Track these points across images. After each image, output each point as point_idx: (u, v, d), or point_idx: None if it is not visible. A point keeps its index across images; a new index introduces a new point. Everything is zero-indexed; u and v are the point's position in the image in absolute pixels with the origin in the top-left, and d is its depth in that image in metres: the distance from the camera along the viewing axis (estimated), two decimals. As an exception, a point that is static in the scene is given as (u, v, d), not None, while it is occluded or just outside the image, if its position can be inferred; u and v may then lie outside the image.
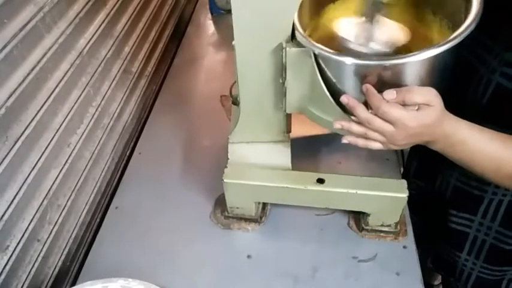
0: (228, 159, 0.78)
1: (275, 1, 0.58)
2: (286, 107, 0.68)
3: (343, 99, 0.59)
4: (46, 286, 0.75)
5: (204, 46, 1.35)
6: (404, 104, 0.55)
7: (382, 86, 0.57)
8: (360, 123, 0.59)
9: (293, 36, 0.61)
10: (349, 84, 0.61)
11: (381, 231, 0.78)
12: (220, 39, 1.37)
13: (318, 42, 0.59)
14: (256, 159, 0.77)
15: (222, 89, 1.11)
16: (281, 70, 0.64)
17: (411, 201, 0.94)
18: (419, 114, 0.55)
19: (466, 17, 0.57)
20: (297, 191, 0.75)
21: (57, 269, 0.77)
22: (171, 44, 1.36)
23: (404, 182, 0.73)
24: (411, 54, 0.55)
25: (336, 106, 0.63)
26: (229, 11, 0.59)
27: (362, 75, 0.58)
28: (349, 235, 0.80)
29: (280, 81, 0.65)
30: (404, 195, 0.72)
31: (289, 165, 0.77)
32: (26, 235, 0.68)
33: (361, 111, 0.58)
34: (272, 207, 0.85)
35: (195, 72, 1.23)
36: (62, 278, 0.79)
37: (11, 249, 0.65)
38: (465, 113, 0.59)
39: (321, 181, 0.74)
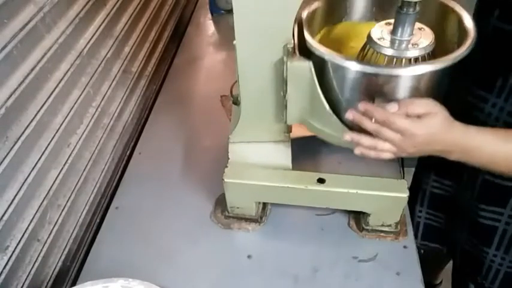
0: (228, 158, 0.78)
1: (275, 2, 0.58)
2: (287, 119, 0.69)
3: (348, 115, 0.60)
4: (46, 286, 0.75)
5: (204, 46, 1.34)
6: (406, 115, 0.57)
7: (384, 96, 0.58)
8: (369, 134, 0.60)
9: (294, 49, 0.62)
10: (354, 93, 0.62)
11: (381, 231, 0.78)
12: (220, 39, 1.36)
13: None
14: (257, 159, 0.77)
15: (222, 89, 1.11)
16: (282, 70, 0.64)
17: (437, 200, 0.93)
18: (424, 122, 0.56)
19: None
20: (298, 191, 0.75)
21: (57, 269, 0.77)
22: (171, 44, 1.36)
23: (404, 182, 0.73)
24: (431, 61, 0.57)
25: (337, 119, 0.64)
26: (229, 11, 0.60)
27: (372, 84, 0.59)
28: (349, 235, 0.80)
29: (281, 94, 0.66)
30: (404, 195, 0.72)
31: (290, 165, 0.77)
32: (26, 235, 0.68)
33: (368, 123, 0.59)
34: (272, 207, 0.85)
35: (195, 72, 1.23)
36: (62, 278, 0.79)
37: (11, 249, 0.65)
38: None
39: (321, 181, 0.74)
